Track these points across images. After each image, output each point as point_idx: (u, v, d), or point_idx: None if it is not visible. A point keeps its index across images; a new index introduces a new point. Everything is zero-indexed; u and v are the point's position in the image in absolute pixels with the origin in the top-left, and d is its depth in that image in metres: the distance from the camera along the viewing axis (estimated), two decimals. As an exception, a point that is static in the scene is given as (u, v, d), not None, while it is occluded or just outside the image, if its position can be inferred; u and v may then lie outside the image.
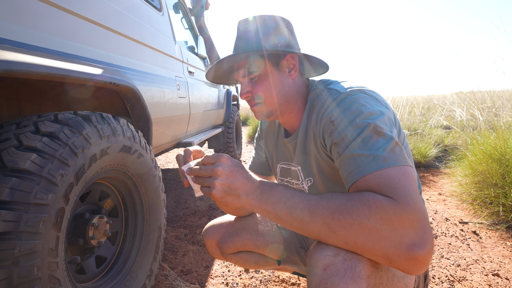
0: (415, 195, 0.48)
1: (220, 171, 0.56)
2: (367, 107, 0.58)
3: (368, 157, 0.52)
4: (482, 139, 2.15)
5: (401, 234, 0.45)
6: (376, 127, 0.55)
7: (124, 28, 1.19)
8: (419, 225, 0.46)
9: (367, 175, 0.51)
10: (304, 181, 0.77)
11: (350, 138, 0.56)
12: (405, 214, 0.46)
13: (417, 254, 0.45)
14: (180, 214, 2.03)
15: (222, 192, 0.56)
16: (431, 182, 2.58)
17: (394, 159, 0.51)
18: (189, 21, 2.63)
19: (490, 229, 1.63)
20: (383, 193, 0.49)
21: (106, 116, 0.90)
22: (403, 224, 0.45)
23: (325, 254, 0.50)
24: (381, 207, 0.47)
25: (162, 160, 4.06)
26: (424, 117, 5.16)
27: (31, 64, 0.65)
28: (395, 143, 0.53)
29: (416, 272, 0.46)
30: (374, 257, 0.48)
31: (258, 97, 0.70)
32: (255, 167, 0.97)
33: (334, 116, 0.61)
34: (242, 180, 0.57)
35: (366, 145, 0.53)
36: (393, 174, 0.49)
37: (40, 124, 0.70)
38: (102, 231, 0.92)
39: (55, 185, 0.65)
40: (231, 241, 0.87)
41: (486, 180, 1.84)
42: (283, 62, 0.70)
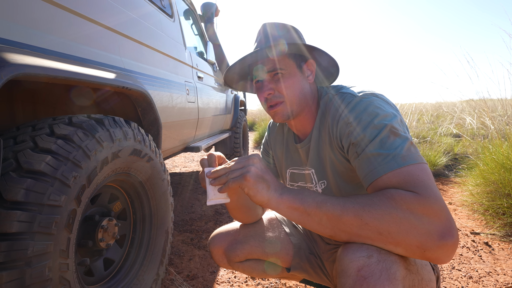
0: (435, 188, 0.51)
1: (256, 160, 0.59)
2: (382, 109, 0.61)
3: (387, 156, 0.55)
4: (494, 148, 2.11)
5: (429, 222, 0.48)
6: (393, 128, 0.57)
7: (137, 34, 1.21)
8: (443, 214, 0.48)
9: (388, 173, 0.54)
10: (318, 184, 0.78)
11: (368, 139, 0.58)
12: (429, 204, 0.48)
13: (447, 242, 0.47)
14: (187, 218, 2.03)
15: (256, 177, 0.57)
16: (441, 191, 2.53)
17: (412, 157, 0.54)
18: (199, 27, 2.67)
19: (503, 240, 1.59)
20: (405, 188, 0.51)
21: (118, 120, 0.91)
22: (428, 214, 0.48)
23: (358, 255, 0.50)
24: (406, 199, 0.49)
25: (169, 164, 4.09)
26: (433, 124, 5.10)
27: (47, 68, 0.66)
28: (410, 143, 0.56)
29: (447, 259, 0.48)
30: (409, 247, 0.49)
31: (281, 95, 0.71)
32: None
33: (351, 118, 0.63)
34: (272, 176, 0.60)
35: (385, 145, 0.56)
36: (412, 171, 0.52)
37: (55, 126, 0.71)
38: (111, 234, 0.93)
39: (68, 187, 0.66)
40: (239, 249, 0.86)
41: (499, 190, 1.79)
42: (304, 66, 0.73)
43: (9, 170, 0.59)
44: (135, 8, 1.23)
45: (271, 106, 0.73)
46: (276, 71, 0.70)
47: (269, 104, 0.73)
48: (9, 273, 0.54)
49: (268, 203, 0.57)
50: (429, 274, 0.61)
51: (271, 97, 0.72)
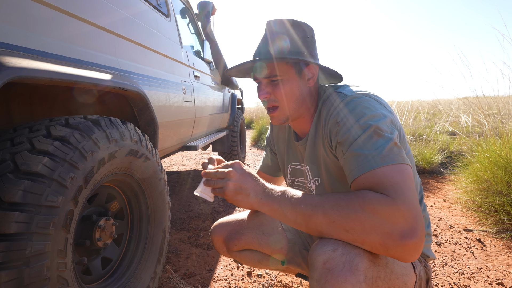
0: (407, 190, 0.52)
1: (233, 172, 0.63)
2: (370, 109, 0.62)
3: (367, 157, 0.57)
4: (487, 146, 2.14)
5: (392, 223, 0.50)
6: (377, 129, 0.59)
7: (133, 34, 1.22)
8: (409, 216, 0.50)
9: (365, 173, 0.56)
10: (312, 181, 0.80)
11: (353, 138, 0.60)
12: (395, 206, 0.50)
13: (408, 242, 0.49)
14: (184, 217, 2.04)
15: (233, 191, 0.62)
16: (435, 189, 2.57)
17: (392, 158, 0.55)
18: (196, 26, 2.67)
19: (495, 237, 1.62)
20: (377, 190, 0.54)
21: (115, 121, 0.92)
22: (393, 215, 0.50)
23: (324, 249, 0.54)
24: (373, 201, 0.52)
25: (166, 163, 4.09)
26: (430, 122, 5.13)
27: (43, 71, 0.67)
28: (393, 144, 0.57)
29: (410, 258, 0.50)
30: (373, 244, 0.52)
31: (276, 100, 0.73)
32: (265, 168, 1.02)
33: (340, 117, 0.65)
34: (251, 181, 0.63)
35: (367, 145, 0.58)
36: (387, 172, 0.54)
37: (52, 128, 0.72)
38: (108, 233, 0.94)
39: (65, 188, 0.67)
40: (237, 239, 0.89)
41: (491, 188, 1.82)
42: (305, 70, 0.73)
43: (7, 171, 0.60)
44: (130, 8, 1.23)
45: (268, 109, 0.75)
46: (272, 77, 0.71)
47: (267, 106, 0.75)
48: (8, 273, 0.55)
49: (251, 208, 0.62)
50: (403, 269, 0.64)
51: (267, 100, 0.74)
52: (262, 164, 1.03)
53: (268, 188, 0.62)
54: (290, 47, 0.70)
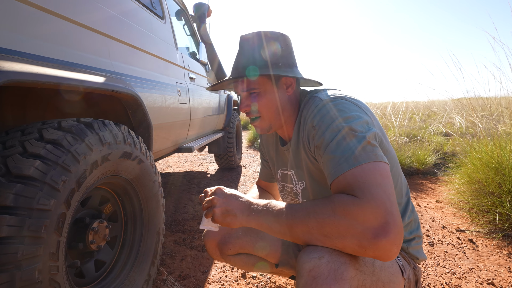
0: (375, 187, 0.53)
1: (216, 199, 0.66)
2: (344, 111, 0.63)
3: (340, 159, 0.57)
4: (480, 147, 2.17)
5: (362, 222, 0.50)
6: (351, 130, 0.60)
7: (127, 37, 1.22)
8: (378, 211, 0.50)
9: (339, 177, 0.57)
10: (298, 184, 0.81)
11: (327, 141, 0.61)
12: (362, 205, 0.51)
13: (381, 240, 0.49)
14: (179, 218, 2.04)
15: (221, 216, 0.65)
16: (429, 190, 2.59)
17: (364, 157, 0.56)
18: (191, 28, 2.68)
19: (486, 237, 1.64)
20: (348, 191, 0.55)
21: (108, 123, 0.93)
22: (362, 214, 0.51)
23: (311, 256, 0.54)
24: (343, 202, 0.53)
25: (162, 164, 4.08)
26: (425, 123, 5.18)
27: (35, 74, 0.67)
28: (367, 142, 0.58)
29: (390, 256, 0.50)
30: (352, 247, 0.52)
31: (257, 111, 0.75)
32: (263, 175, 1.04)
33: (315, 121, 0.66)
34: (235, 201, 0.65)
35: (340, 147, 0.59)
36: (357, 173, 0.55)
37: (44, 131, 0.72)
38: (102, 236, 0.94)
39: (57, 191, 0.67)
40: (231, 243, 0.90)
41: (483, 189, 1.85)
42: (282, 80, 0.74)
43: (-2, 175, 0.60)
44: (124, 10, 1.23)
45: (251, 119, 0.77)
46: (250, 91, 0.73)
47: (249, 117, 0.77)
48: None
49: (241, 225, 0.64)
50: (390, 276, 0.64)
51: (248, 112, 0.76)
52: (260, 172, 1.06)
53: (253, 203, 0.64)
54: (264, 60, 0.71)
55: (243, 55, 0.74)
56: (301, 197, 0.81)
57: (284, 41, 0.75)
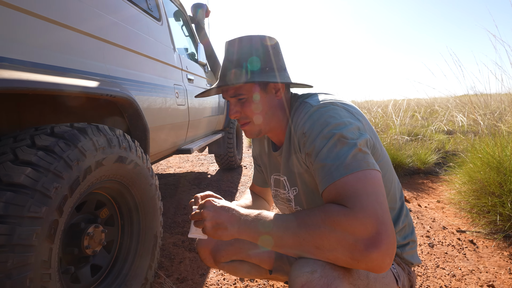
0: (366, 196, 0.51)
1: (206, 213, 0.64)
2: (335, 118, 0.62)
3: (331, 167, 0.56)
4: (481, 146, 2.15)
5: (353, 233, 0.49)
6: (341, 137, 0.58)
7: (122, 40, 1.21)
8: (368, 222, 0.49)
9: (329, 186, 0.56)
10: (290, 191, 0.80)
11: (318, 149, 0.60)
12: (352, 215, 0.50)
13: (373, 251, 0.48)
14: (179, 220, 2.04)
15: (211, 229, 0.63)
16: (430, 189, 2.57)
17: (355, 165, 0.55)
18: (189, 29, 2.67)
19: (487, 238, 1.62)
20: (338, 201, 0.53)
21: (102, 128, 0.92)
22: (352, 225, 0.49)
23: (303, 270, 0.53)
24: (333, 213, 0.52)
25: (163, 165, 4.09)
26: (426, 121, 5.15)
27: (26, 81, 0.67)
28: (357, 150, 0.57)
29: (383, 267, 0.49)
30: (344, 259, 0.51)
31: (247, 117, 0.74)
32: (256, 180, 1.03)
33: (306, 128, 0.65)
34: (225, 214, 0.63)
35: (331, 155, 0.58)
36: (348, 182, 0.54)
37: (36, 137, 0.72)
38: (98, 240, 0.94)
39: (49, 198, 0.67)
40: (224, 250, 0.89)
41: (484, 189, 1.83)
42: (270, 85, 0.73)
43: (-11, 183, 0.60)
44: (119, 13, 1.23)
45: (241, 124, 0.76)
46: (238, 96, 0.72)
47: (239, 123, 0.76)
48: (-11, 285, 0.55)
49: (233, 237, 0.63)
50: (385, 287, 0.63)
51: (237, 118, 0.75)
52: (253, 177, 1.04)
53: (244, 215, 0.62)
54: (250, 66, 0.71)
55: (229, 61, 0.73)
56: (294, 203, 0.80)
57: (271, 45, 0.74)
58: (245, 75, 0.70)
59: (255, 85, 0.72)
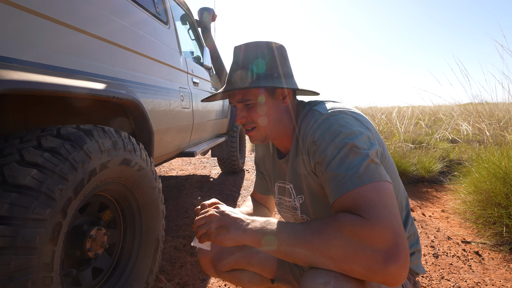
0: (382, 208, 0.51)
1: (213, 215, 0.64)
2: (346, 127, 0.61)
3: (344, 177, 0.56)
4: (487, 156, 2.12)
5: (371, 244, 0.48)
6: (353, 147, 0.58)
7: (129, 43, 1.22)
8: (386, 233, 0.48)
9: (342, 196, 0.55)
10: (296, 199, 0.79)
11: (329, 158, 0.59)
12: (369, 226, 0.49)
13: (390, 267, 0.47)
14: (181, 223, 2.03)
15: (215, 231, 0.62)
16: (434, 198, 2.55)
17: (369, 176, 0.54)
18: (196, 33, 2.68)
19: (493, 250, 1.60)
20: (353, 211, 0.52)
21: (108, 130, 0.92)
22: (370, 236, 0.48)
23: (316, 282, 0.52)
24: (349, 222, 0.51)
25: (166, 167, 4.09)
26: (431, 129, 5.12)
27: (33, 82, 0.67)
28: (370, 161, 0.56)
29: (395, 283, 0.48)
30: (360, 271, 0.49)
31: (253, 122, 0.73)
32: (258, 188, 1.01)
33: (316, 136, 0.64)
34: (231, 217, 0.63)
35: (343, 165, 0.57)
36: (362, 192, 0.53)
37: (43, 139, 0.72)
38: (100, 243, 0.93)
39: (54, 200, 0.66)
40: (225, 259, 0.87)
41: (490, 199, 1.81)
42: (277, 91, 0.73)
43: (-6, 184, 0.60)
44: (128, 16, 1.23)
45: (246, 130, 0.75)
46: (245, 102, 0.72)
47: (244, 128, 0.76)
48: (-9, 287, 0.55)
49: (235, 243, 0.61)
50: None
51: (243, 123, 0.74)
52: (255, 184, 1.03)
53: (249, 219, 0.62)
54: (258, 72, 0.70)
55: (237, 66, 0.73)
56: (300, 211, 0.78)
57: (279, 51, 0.74)
58: (253, 80, 0.69)
59: (262, 90, 0.71)
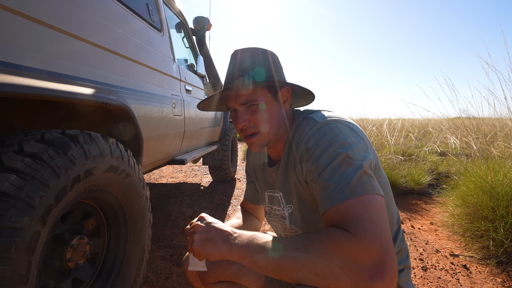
0: (369, 222, 0.50)
1: (197, 225, 0.62)
2: (341, 136, 0.60)
3: (335, 188, 0.54)
4: (474, 170, 2.16)
5: (357, 260, 0.47)
6: (347, 157, 0.57)
7: (121, 49, 1.21)
8: (372, 249, 0.47)
9: (332, 208, 0.54)
10: (285, 208, 0.78)
11: (322, 167, 0.58)
12: (355, 241, 0.48)
13: (377, 283, 0.45)
14: (168, 233, 1.99)
15: (200, 243, 0.60)
16: (423, 211, 2.57)
17: (361, 188, 0.53)
18: (190, 41, 2.70)
19: (480, 263, 1.60)
20: (341, 225, 0.51)
21: (95, 136, 0.90)
22: (356, 251, 0.47)
23: None
24: (335, 238, 0.49)
25: (156, 175, 4.03)
26: (420, 142, 5.20)
27: (17, 86, 0.65)
28: (363, 172, 0.55)
29: None
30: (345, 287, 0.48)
31: (256, 126, 0.71)
32: (248, 197, 0.99)
33: (310, 144, 0.63)
34: (218, 230, 0.61)
35: (335, 175, 0.56)
36: (351, 205, 0.52)
37: (25, 143, 0.70)
38: (81, 253, 0.90)
39: (33, 208, 0.64)
40: (212, 270, 0.85)
41: (477, 213, 1.83)
42: (279, 94, 0.73)
43: (-31, 190, 0.57)
44: (120, 22, 1.23)
45: (246, 136, 0.72)
46: (250, 103, 0.70)
47: (245, 134, 0.73)
48: (-41, 300, 0.52)
49: (222, 257, 0.59)
50: None
51: (246, 127, 0.71)
52: (245, 193, 1.01)
53: (236, 233, 0.59)
54: (261, 74, 0.70)
55: (240, 67, 0.71)
56: (288, 221, 0.77)
57: (276, 58, 0.75)
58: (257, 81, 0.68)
59: (267, 91, 0.70)
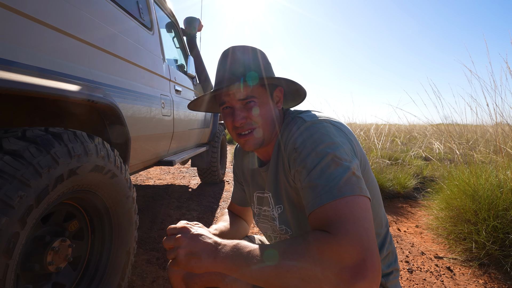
0: (351, 222, 0.49)
1: (182, 238, 0.58)
2: (329, 136, 0.60)
3: (323, 188, 0.54)
4: (457, 174, 2.22)
5: (338, 262, 0.46)
6: (335, 157, 0.56)
7: (109, 46, 1.18)
8: (352, 249, 0.47)
9: (317, 209, 0.53)
10: (275, 208, 0.77)
11: (310, 167, 0.57)
12: (336, 242, 0.47)
13: (359, 283, 0.45)
14: (155, 235, 1.94)
15: (185, 258, 0.57)
16: (409, 214, 2.62)
17: (349, 189, 0.53)
18: (181, 41, 2.67)
19: (463, 265, 1.65)
20: (324, 227, 0.51)
21: (80, 134, 0.87)
22: (336, 252, 0.47)
23: None
24: (316, 241, 0.49)
25: (143, 176, 3.95)
26: (406, 146, 5.33)
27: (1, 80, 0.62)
28: (351, 173, 0.55)
29: None
30: None
31: (254, 122, 0.69)
32: (236, 199, 0.97)
33: (298, 143, 0.62)
34: (202, 242, 0.58)
35: (323, 175, 0.55)
36: (338, 206, 0.51)
37: (5, 141, 0.66)
38: (63, 256, 0.86)
39: (11, 208, 0.61)
40: (198, 276, 0.82)
41: (460, 216, 1.88)
42: (275, 92, 0.73)
43: None
44: (109, 19, 1.20)
45: (241, 134, 0.71)
46: (249, 99, 0.68)
47: (239, 132, 0.71)
48: None
49: (207, 270, 0.57)
50: None
51: (243, 125, 0.70)
52: (232, 195, 0.99)
53: (221, 244, 0.57)
54: (262, 71, 0.70)
55: (235, 64, 0.70)
56: (278, 222, 0.76)
57: (266, 57, 0.75)
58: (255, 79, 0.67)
59: (263, 89, 0.70)
